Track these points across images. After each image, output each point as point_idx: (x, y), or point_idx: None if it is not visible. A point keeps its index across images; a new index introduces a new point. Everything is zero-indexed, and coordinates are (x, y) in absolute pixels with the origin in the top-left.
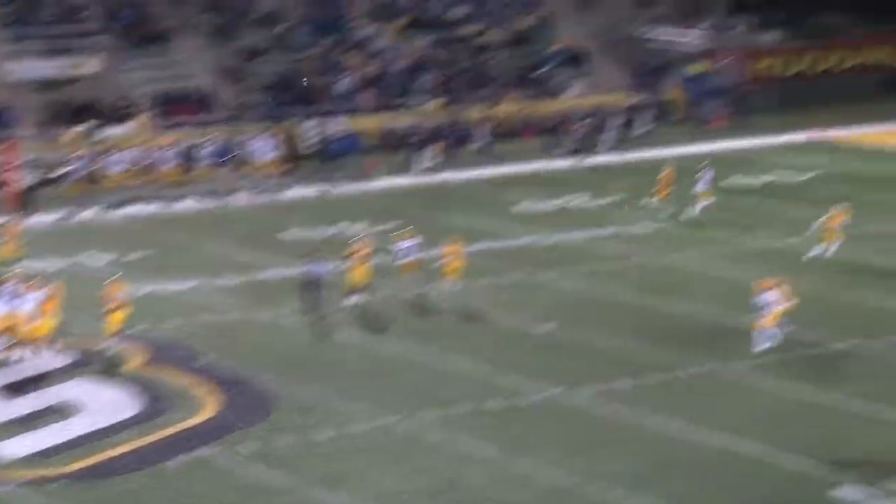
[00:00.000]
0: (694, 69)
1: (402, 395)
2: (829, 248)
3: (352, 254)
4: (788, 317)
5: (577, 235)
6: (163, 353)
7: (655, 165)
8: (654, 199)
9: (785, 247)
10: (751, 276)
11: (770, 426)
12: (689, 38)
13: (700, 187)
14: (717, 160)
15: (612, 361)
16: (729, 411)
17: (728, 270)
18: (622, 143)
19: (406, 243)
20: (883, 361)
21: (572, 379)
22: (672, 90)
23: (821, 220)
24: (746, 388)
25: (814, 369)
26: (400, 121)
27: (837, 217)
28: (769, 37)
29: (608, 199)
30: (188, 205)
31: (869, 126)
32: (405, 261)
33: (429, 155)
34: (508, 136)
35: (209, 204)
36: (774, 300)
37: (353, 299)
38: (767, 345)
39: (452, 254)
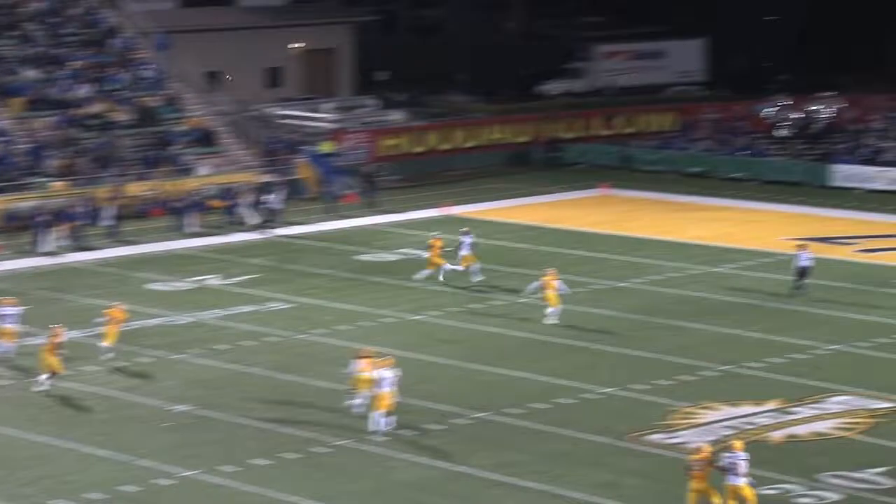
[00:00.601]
0: (323, 147)
1: (35, 487)
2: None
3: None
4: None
5: (212, 314)
6: None
7: (288, 242)
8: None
9: (428, 320)
10: (383, 350)
11: (405, 502)
12: (318, 116)
13: (464, 251)
14: (348, 237)
15: (250, 440)
16: (362, 488)
17: (364, 345)
18: (254, 221)
19: (9, 310)
20: (509, 431)
21: (210, 459)
22: (302, 168)
23: (535, 284)
24: (381, 464)
25: (446, 443)
26: (23, 201)
27: (550, 280)
28: (395, 116)
29: (243, 278)
30: None
31: (497, 202)
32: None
33: (54, 236)
34: (137, 215)
35: None
36: (388, 377)
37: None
38: (383, 427)
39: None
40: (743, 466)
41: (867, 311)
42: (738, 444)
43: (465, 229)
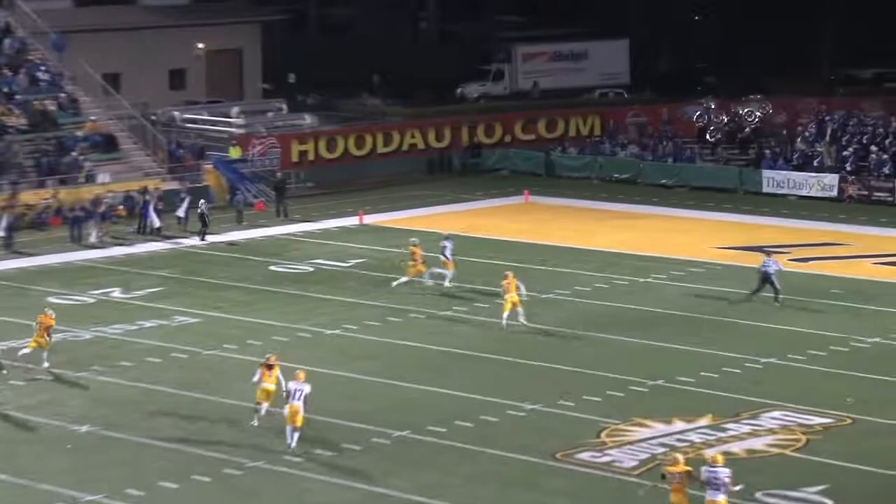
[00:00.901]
0: (230, 153)
1: None
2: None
3: None
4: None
5: (115, 329)
6: None
7: (196, 253)
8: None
9: (345, 335)
10: (299, 366)
11: None
12: (225, 120)
13: (447, 256)
14: (258, 247)
15: (157, 461)
16: None
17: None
18: (160, 231)
19: None
20: (431, 450)
21: (115, 483)
22: (209, 175)
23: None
24: (296, 486)
25: (365, 464)
26: None
27: (509, 285)
28: (306, 120)
29: (148, 291)
30: None
31: (415, 210)
32: None
33: None
34: (34, 225)
35: None
36: (298, 390)
37: None
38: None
39: None
40: (724, 480)
41: (802, 322)
42: (718, 457)
43: (446, 234)
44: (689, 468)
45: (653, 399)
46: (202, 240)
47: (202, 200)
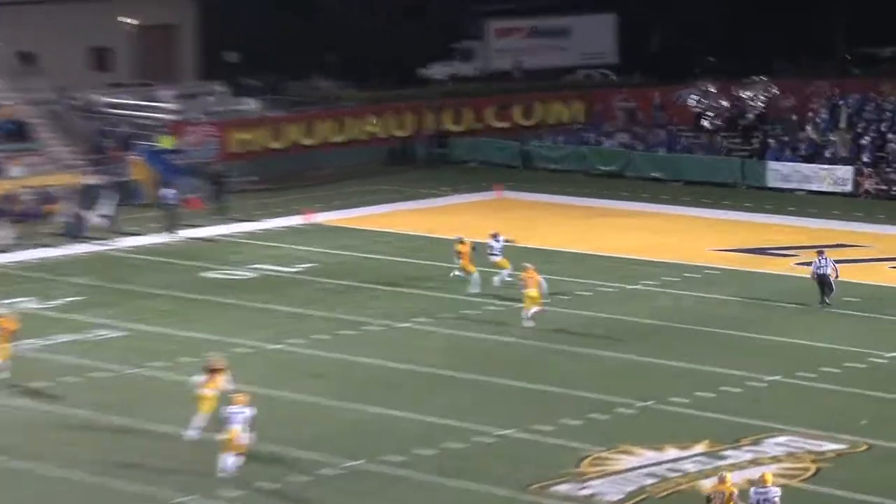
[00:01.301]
0: (162, 143)
1: None
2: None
3: None
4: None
5: (27, 345)
6: None
7: (120, 257)
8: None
9: (290, 350)
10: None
11: None
12: (156, 106)
13: (496, 257)
14: (192, 251)
15: (73, 496)
16: None
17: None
18: (81, 232)
19: None
20: (387, 482)
21: None
22: (136, 168)
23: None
24: None
25: (313, 497)
26: None
27: (530, 277)
28: (249, 105)
29: (65, 300)
30: None
31: (372, 207)
32: None
33: None
34: None
35: None
36: (239, 414)
37: None
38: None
39: None
40: (774, 502)
41: (812, 335)
42: (768, 476)
43: (493, 233)
44: (734, 488)
45: (642, 423)
46: (172, 233)
47: (169, 190)
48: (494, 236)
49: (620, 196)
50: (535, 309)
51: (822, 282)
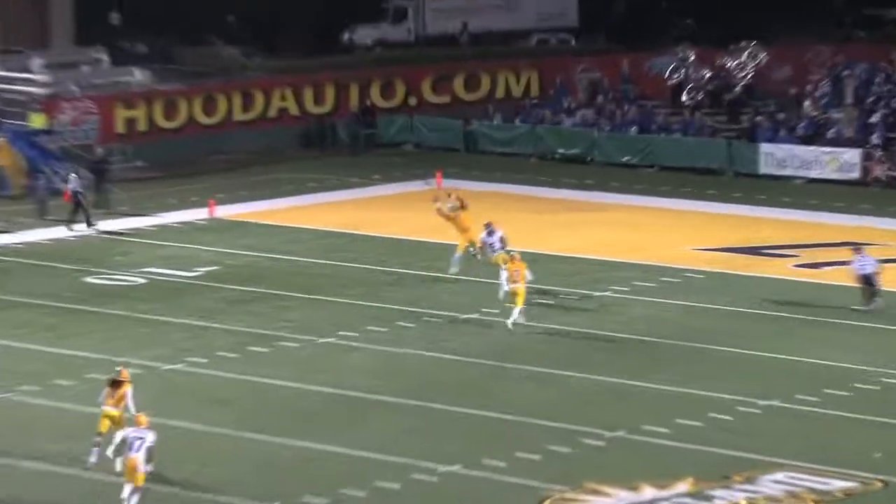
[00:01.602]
0: (32, 122)
1: None
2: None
3: None
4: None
5: None
6: None
7: None
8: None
9: (191, 370)
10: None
11: None
12: (24, 77)
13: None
14: (70, 251)
15: None
16: None
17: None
18: None
19: None
20: None
21: None
22: (2, 153)
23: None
24: None
25: None
26: None
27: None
28: (136, 76)
29: None
30: None
31: (285, 199)
32: None
33: None
34: None
35: None
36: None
37: None
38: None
39: None
40: None
41: (815, 350)
42: None
43: (486, 223)
44: None
45: (612, 456)
46: (90, 226)
47: (73, 175)
48: (487, 226)
49: (583, 185)
50: (521, 307)
51: (868, 282)
